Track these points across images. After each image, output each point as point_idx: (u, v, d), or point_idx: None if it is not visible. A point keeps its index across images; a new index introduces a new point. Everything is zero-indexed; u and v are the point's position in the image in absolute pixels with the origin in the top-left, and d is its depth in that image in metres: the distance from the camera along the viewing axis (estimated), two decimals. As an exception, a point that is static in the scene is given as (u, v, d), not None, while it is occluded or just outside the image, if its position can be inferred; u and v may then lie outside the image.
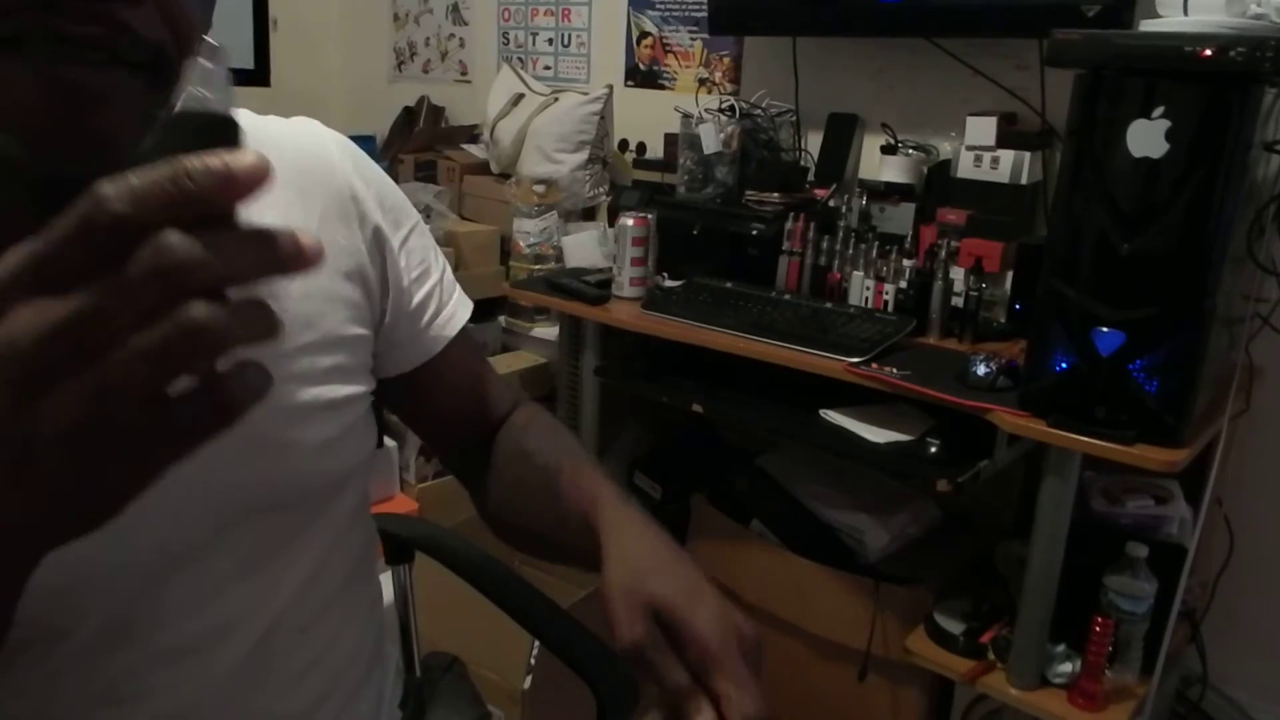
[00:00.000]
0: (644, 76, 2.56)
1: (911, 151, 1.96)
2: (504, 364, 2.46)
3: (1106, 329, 1.31)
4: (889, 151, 1.96)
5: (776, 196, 2.00)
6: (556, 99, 2.56)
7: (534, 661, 1.58)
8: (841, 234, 1.89)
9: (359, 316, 0.68)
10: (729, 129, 2.05)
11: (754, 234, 1.95)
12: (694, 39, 2.43)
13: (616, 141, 2.58)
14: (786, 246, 1.92)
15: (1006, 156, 1.78)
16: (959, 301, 1.75)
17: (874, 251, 1.85)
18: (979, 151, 1.80)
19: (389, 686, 0.81)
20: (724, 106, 2.11)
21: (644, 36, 2.53)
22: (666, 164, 2.31)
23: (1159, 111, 1.24)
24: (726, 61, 2.37)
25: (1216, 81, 1.21)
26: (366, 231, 0.69)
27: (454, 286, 0.79)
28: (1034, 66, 1.83)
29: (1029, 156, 1.78)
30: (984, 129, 1.80)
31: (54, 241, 0.30)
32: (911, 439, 1.57)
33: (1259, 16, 1.31)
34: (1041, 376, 1.39)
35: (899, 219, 1.92)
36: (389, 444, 2.25)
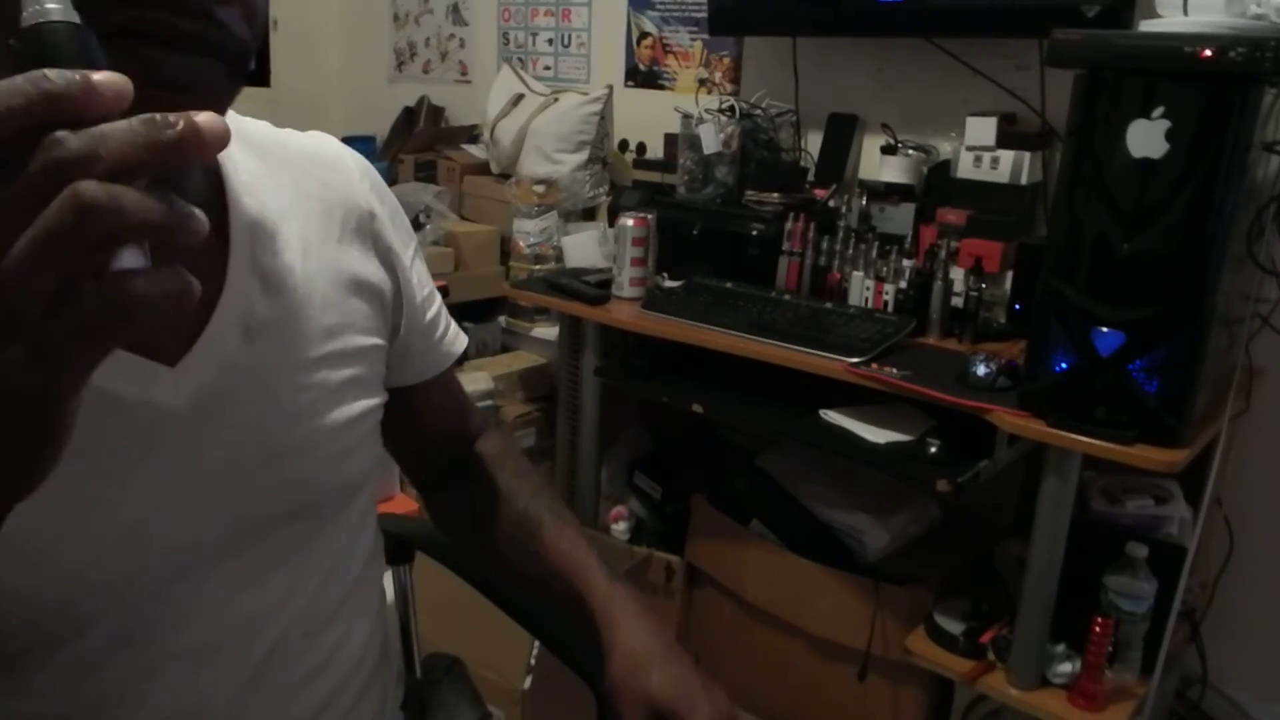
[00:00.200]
0: (644, 77, 2.56)
1: (911, 152, 1.96)
2: (504, 364, 2.46)
3: (1106, 329, 1.31)
4: (889, 151, 1.96)
5: (776, 196, 2.00)
6: (556, 99, 2.56)
7: (534, 661, 1.58)
8: (841, 234, 1.89)
9: (375, 327, 0.70)
10: (729, 129, 2.05)
11: (754, 234, 1.95)
12: (694, 39, 2.43)
13: (616, 142, 2.58)
14: (786, 246, 1.92)
15: (1006, 156, 1.78)
16: (959, 301, 1.75)
17: (874, 252, 1.85)
18: (979, 151, 1.80)
19: (392, 688, 0.81)
20: (724, 107, 2.11)
21: (644, 37, 2.53)
22: (666, 164, 2.31)
23: (1159, 112, 1.24)
24: (726, 62, 2.37)
25: (1216, 82, 1.21)
26: (381, 248, 0.71)
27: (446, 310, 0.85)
28: (1034, 66, 1.83)
29: (1029, 156, 1.78)
30: (984, 129, 1.80)
31: None
32: (911, 439, 1.57)
33: (1259, 16, 1.31)
34: (1041, 376, 1.39)
35: (899, 219, 1.92)
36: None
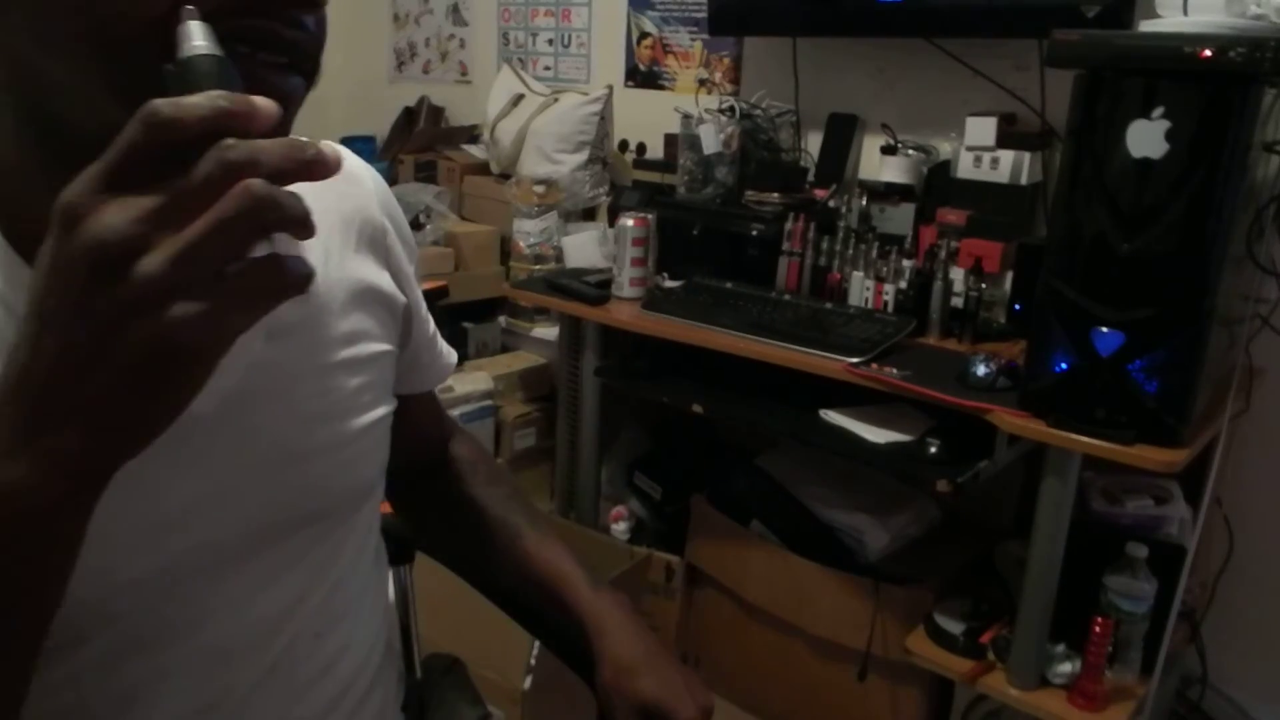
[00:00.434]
0: (644, 77, 2.56)
1: (911, 152, 1.96)
2: (504, 364, 2.46)
3: (1106, 329, 1.31)
4: (889, 152, 1.96)
5: (776, 197, 2.00)
6: (556, 99, 2.56)
7: (534, 661, 1.58)
8: (841, 234, 1.89)
9: (388, 335, 0.72)
10: (729, 129, 2.05)
11: (754, 234, 1.95)
12: (694, 39, 2.43)
13: (616, 142, 2.58)
14: (786, 247, 1.92)
15: (1006, 157, 1.78)
16: (959, 302, 1.75)
17: (874, 252, 1.85)
18: (979, 152, 1.80)
19: (393, 690, 0.81)
20: (724, 107, 2.11)
21: (644, 37, 2.53)
22: (666, 164, 2.31)
23: (1159, 112, 1.24)
24: (726, 62, 2.37)
25: (1216, 82, 1.21)
26: (393, 262, 0.73)
27: None
28: (1034, 67, 1.83)
29: (1029, 157, 1.78)
30: (984, 129, 1.80)
31: (121, 148, 0.35)
32: (911, 439, 1.57)
33: (1259, 17, 1.31)
34: (1041, 377, 1.39)
35: (899, 219, 1.92)
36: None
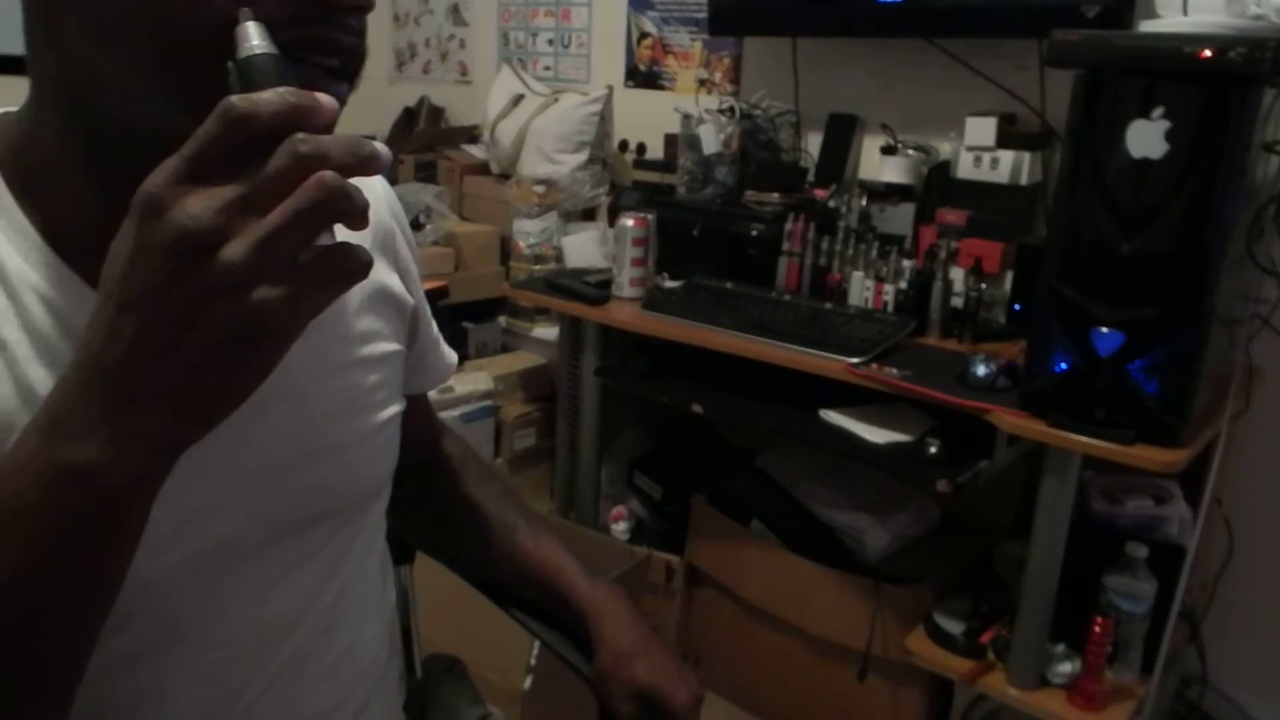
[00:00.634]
0: (644, 77, 2.56)
1: (911, 152, 1.96)
2: (504, 364, 2.46)
3: (1106, 329, 1.31)
4: (889, 152, 1.96)
5: (776, 197, 2.00)
6: (556, 99, 2.56)
7: (534, 661, 1.58)
8: (841, 234, 1.89)
9: (397, 335, 0.73)
10: (729, 129, 2.06)
11: (754, 234, 1.95)
12: (694, 39, 2.43)
13: (616, 142, 2.58)
14: (786, 247, 1.92)
15: (1006, 157, 1.78)
16: (959, 302, 1.76)
17: (874, 252, 1.85)
18: (979, 152, 1.80)
19: (396, 690, 0.82)
20: (724, 107, 2.11)
21: (644, 37, 2.53)
22: (666, 164, 2.31)
23: (1158, 112, 1.24)
24: (726, 62, 2.37)
25: (1216, 82, 1.21)
26: (401, 264, 0.74)
27: None
28: (1034, 67, 1.83)
29: (1029, 157, 1.78)
30: (984, 129, 1.80)
31: (204, 142, 0.38)
32: (911, 439, 1.57)
33: (1259, 17, 1.31)
34: (1041, 377, 1.39)
35: (899, 219, 1.92)
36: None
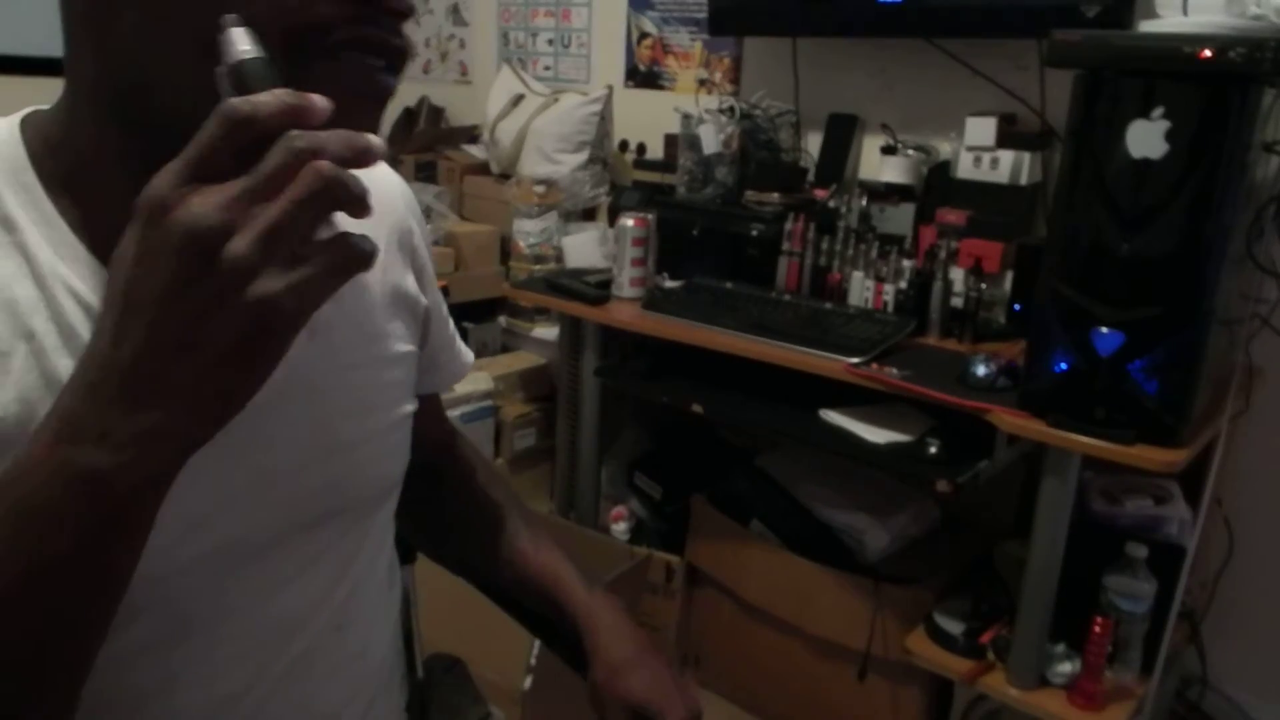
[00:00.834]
0: (644, 77, 2.56)
1: (911, 152, 1.96)
2: (504, 364, 2.46)
3: (1106, 329, 1.31)
4: (889, 152, 1.96)
5: (776, 197, 2.00)
6: (556, 99, 2.56)
7: (534, 661, 1.58)
8: (841, 234, 1.89)
9: (411, 335, 0.74)
10: (729, 129, 2.06)
11: (754, 234, 1.95)
12: (694, 39, 2.43)
13: (616, 142, 2.58)
14: (786, 247, 1.92)
15: (1006, 157, 1.78)
16: (959, 302, 1.76)
17: (874, 252, 1.85)
18: (979, 152, 1.80)
19: (399, 690, 0.82)
20: (724, 107, 2.12)
21: (644, 37, 2.53)
22: (666, 164, 2.31)
23: (1158, 112, 1.24)
24: (726, 62, 2.37)
25: (1216, 82, 1.21)
26: (417, 263, 0.75)
27: None
28: (1034, 67, 1.83)
29: (1029, 157, 1.78)
30: (984, 129, 1.80)
31: (204, 145, 0.39)
32: (911, 439, 1.57)
33: (1259, 17, 1.31)
34: (1041, 377, 1.39)
35: (899, 219, 1.92)
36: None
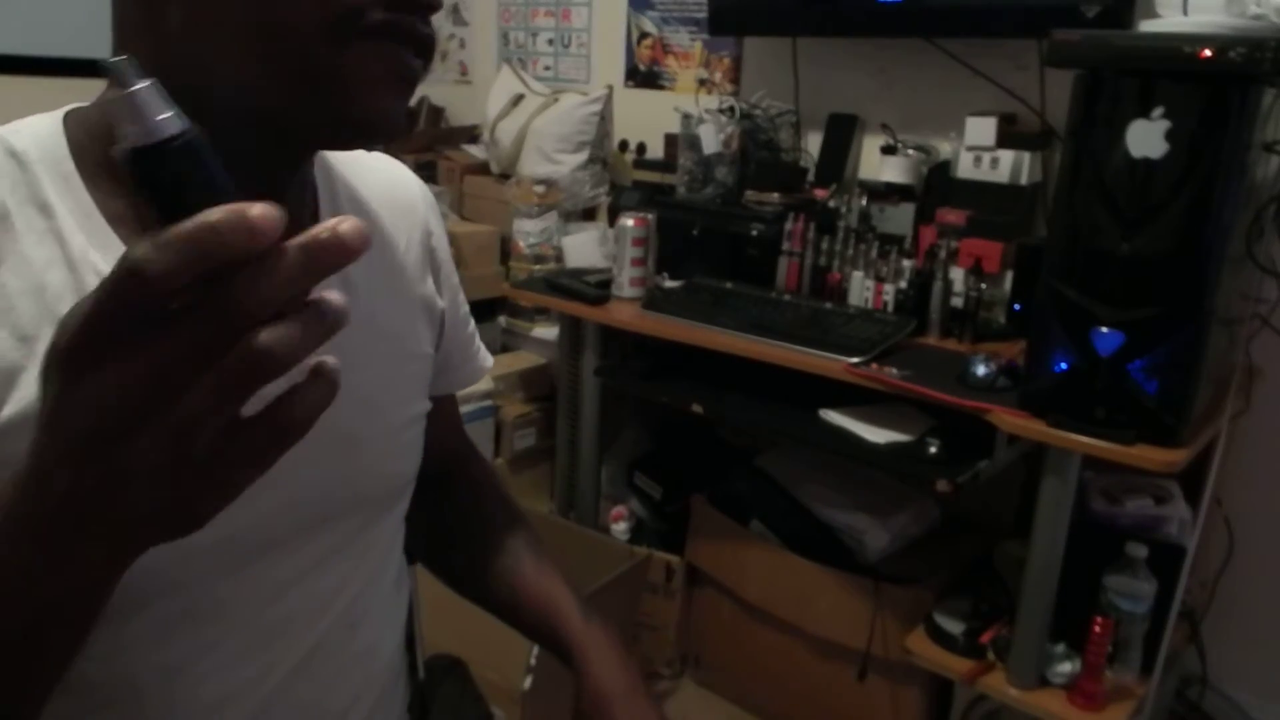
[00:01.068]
0: (644, 77, 2.56)
1: (911, 152, 1.96)
2: (504, 364, 2.46)
3: (1106, 329, 1.31)
4: (889, 152, 1.96)
5: (776, 197, 2.00)
6: (556, 99, 2.56)
7: (534, 662, 1.58)
8: (841, 234, 1.89)
9: (428, 337, 0.75)
10: (729, 129, 2.06)
11: (754, 234, 1.95)
12: (694, 39, 2.43)
13: (616, 142, 2.58)
14: (786, 247, 1.92)
15: (1006, 157, 1.78)
16: (959, 302, 1.76)
17: (874, 252, 1.85)
18: (979, 152, 1.80)
19: (403, 690, 0.82)
20: (724, 107, 2.12)
21: (644, 37, 2.53)
22: (666, 164, 2.31)
23: (1158, 112, 1.24)
24: (726, 62, 2.37)
25: (1216, 82, 1.21)
26: (435, 265, 0.76)
27: None
28: (1034, 67, 1.83)
29: (1029, 157, 1.78)
30: (984, 129, 1.80)
31: (109, 311, 0.30)
32: (911, 439, 1.57)
33: (1259, 17, 1.31)
34: (1041, 377, 1.39)
35: (899, 219, 1.92)
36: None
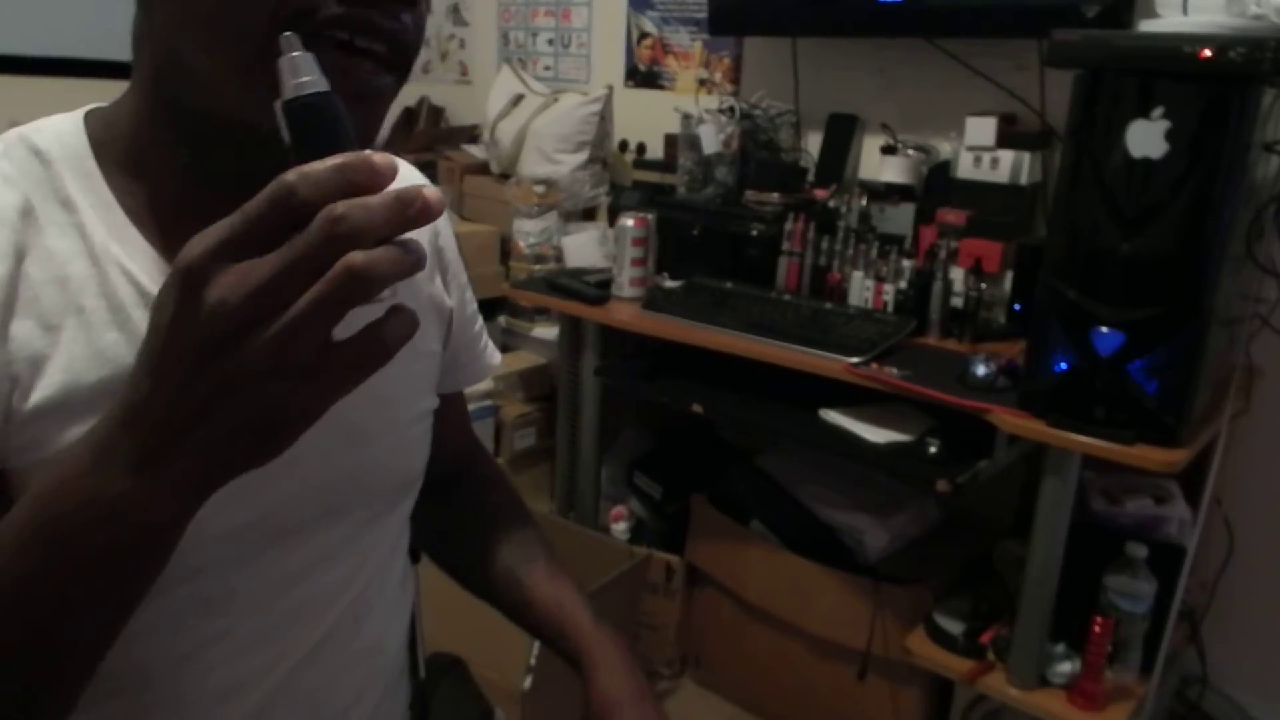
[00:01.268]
0: (644, 77, 2.56)
1: (911, 152, 1.96)
2: (504, 364, 2.45)
3: (1106, 329, 1.31)
4: (889, 152, 1.96)
5: (776, 197, 2.00)
6: (556, 99, 2.56)
7: (535, 661, 1.58)
8: (841, 234, 1.89)
9: (435, 335, 0.76)
10: (729, 129, 2.06)
11: (754, 234, 1.95)
12: (694, 39, 2.43)
13: (616, 142, 2.58)
14: (786, 247, 1.92)
15: (1006, 157, 1.78)
16: (959, 302, 1.76)
17: (874, 252, 1.85)
18: (979, 152, 1.80)
19: (404, 689, 0.83)
20: (724, 107, 2.12)
21: (644, 37, 2.53)
22: (667, 164, 2.31)
23: (1158, 112, 1.24)
24: (726, 62, 2.37)
25: (1216, 82, 1.21)
26: (443, 264, 0.77)
27: None
28: (1034, 67, 1.83)
29: (1029, 157, 1.78)
30: (984, 129, 1.80)
31: (250, 219, 0.36)
32: (911, 439, 1.57)
33: (1259, 16, 1.31)
34: (1041, 377, 1.39)
35: (899, 219, 1.92)
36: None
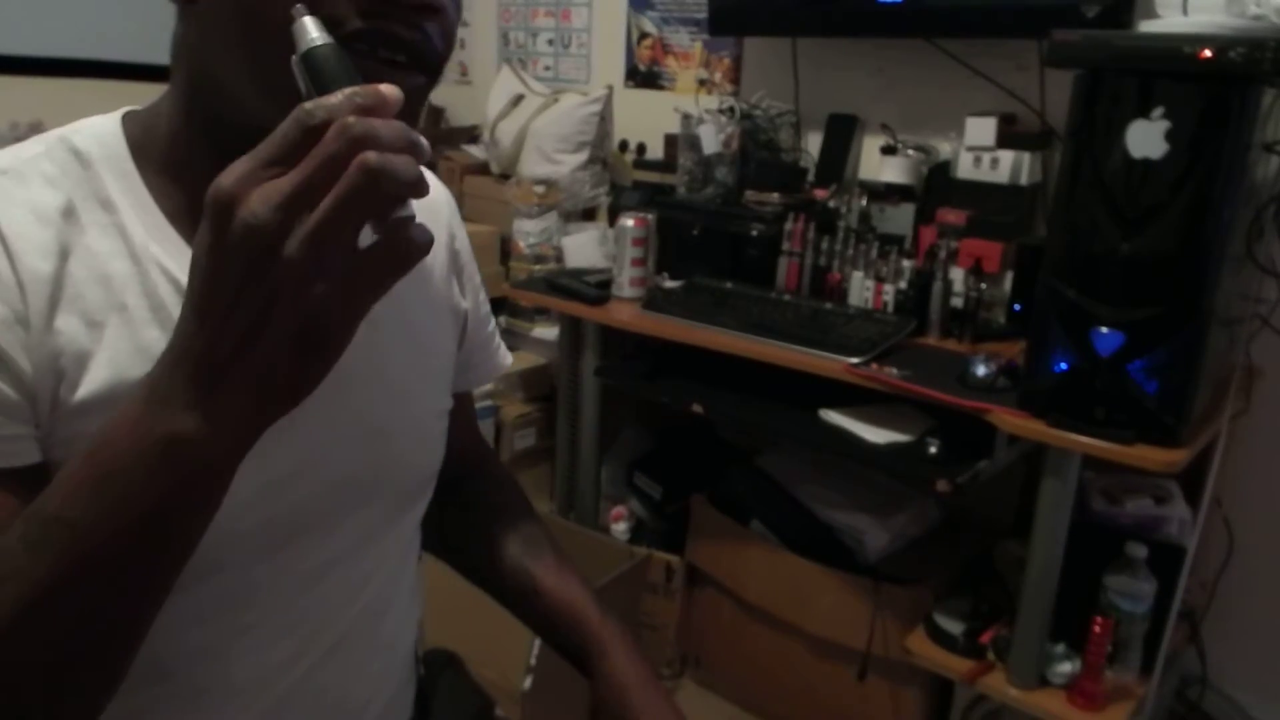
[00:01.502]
0: (644, 77, 2.56)
1: (911, 152, 1.96)
2: (504, 364, 2.46)
3: (1106, 329, 1.31)
4: (889, 152, 1.96)
5: (776, 197, 2.00)
6: (556, 100, 2.56)
7: (535, 661, 1.58)
8: (841, 234, 1.89)
9: (452, 335, 0.77)
10: (729, 130, 2.06)
11: (754, 234, 1.95)
12: (694, 39, 2.43)
13: (616, 142, 2.58)
14: (786, 247, 1.92)
15: (1006, 157, 1.78)
16: (959, 302, 1.76)
17: (874, 252, 1.85)
18: (979, 152, 1.81)
19: (413, 684, 0.83)
20: (724, 107, 2.12)
21: (644, 37, 2.53)
22: (667, 164, 2.31)
23: (1158, 112, 1.24)
24: (726, 62, 2.37)
25: (1216, 82, 1.21)
26: (458, 265, 0.78)
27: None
28: (1034, 67, 1.83)
29: (1029, 157, 1.78)
30: (984, 129, 1.80)
31: (271, 143, 0.39)
32: (911, 439, 1.57)
33: (1259, 17, 1.31)
34: (1041, 377, 1.39)
35: (899, 219, 1.92)
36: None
